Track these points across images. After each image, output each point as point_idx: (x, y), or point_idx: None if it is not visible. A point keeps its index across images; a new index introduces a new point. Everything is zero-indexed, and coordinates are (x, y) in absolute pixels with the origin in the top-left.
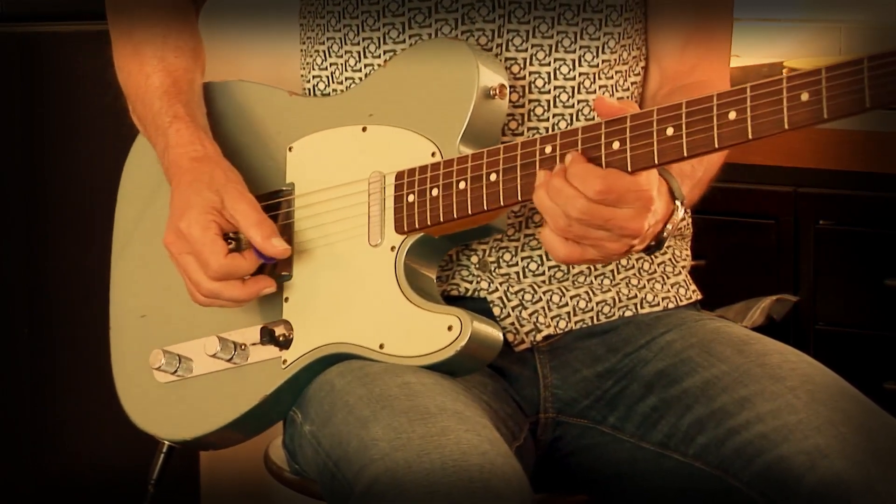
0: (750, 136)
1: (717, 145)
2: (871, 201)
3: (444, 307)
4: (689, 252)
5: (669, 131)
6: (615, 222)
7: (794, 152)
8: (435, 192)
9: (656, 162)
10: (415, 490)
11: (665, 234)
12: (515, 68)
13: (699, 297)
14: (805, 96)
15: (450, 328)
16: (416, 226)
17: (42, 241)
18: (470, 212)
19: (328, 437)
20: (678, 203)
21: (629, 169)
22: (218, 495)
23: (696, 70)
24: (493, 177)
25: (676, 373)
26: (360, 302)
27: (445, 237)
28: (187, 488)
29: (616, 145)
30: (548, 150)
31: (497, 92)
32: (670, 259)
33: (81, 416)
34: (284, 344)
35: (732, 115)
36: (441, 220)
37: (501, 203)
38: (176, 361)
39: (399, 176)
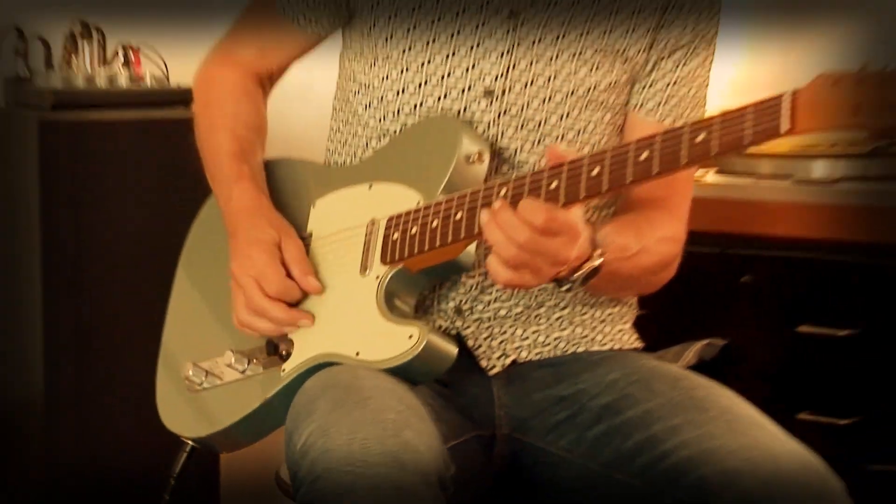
0: (654, 172)
1: (629, 181)
2: (785, 260)
3: (409, 320)
4: (635, 309)
5: (595, 171)
6: (552, 248)
7: (721, 219)
8: (414, 230)
9: (581, 196)
10: (338, 437)
11: (575, 275)
12: (504, 153)
13: (641, 345)
14: (700, 136)
15: (410, 337)
16: (397, 257)
17: (89, 292)
18: (437, 244)
19: (289, 419)
20: (597, 252)
21: (561, 202)
22: None
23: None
24: (458, 215)
25: (619, 406)
26: (346, 319)
27: (421, 272)
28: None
29: (554, 184)
30: (503, 192)
31: (476, 158)
32: (618, 311)
33: (112, 426)
34: (285, 357)
35: (643, 157)
36: (416, 251)
37: (462, 236)
38: (202, 374)
39: (390, 220)
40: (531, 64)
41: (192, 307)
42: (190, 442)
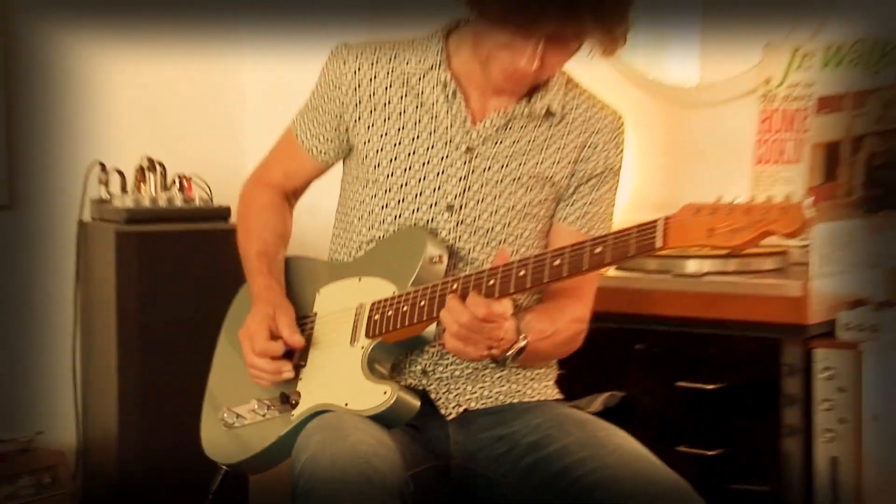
0: (564, 274)
1: (546, 280)
2: (667, 333)
3: (385, 380)
4: (556, 370)
5: (521, 273)
6: (487, 332)
7: (619, 302)
8: (390, 312)
9: (511, 291)
10: (324, 462)
11: (507, 354)
12: (460, 252)
13: (561, 396)
14: (598, 249)
15: (385, 392)
16: (377, 333)
17: (152, 358)
18: (407, 323)
19: (293, 450)
20: (521, 337)
21: (496, 295)
22: None
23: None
24: (423, 302)
25: (542, 443)
26: (338, 378)
27: (395, 344)
28: None
29: (491, 282)
30: (454, 286)
31: (437, 259)
32: (543, 372)
33: (168, 456)
34: (294, 405)
35: (556, 262)
36: (391, 328)
37: (425, 317)
38: (234, 416)
39: (373, 305)
40: (482, 186)
41: (229, 366)
42: (224, 467)
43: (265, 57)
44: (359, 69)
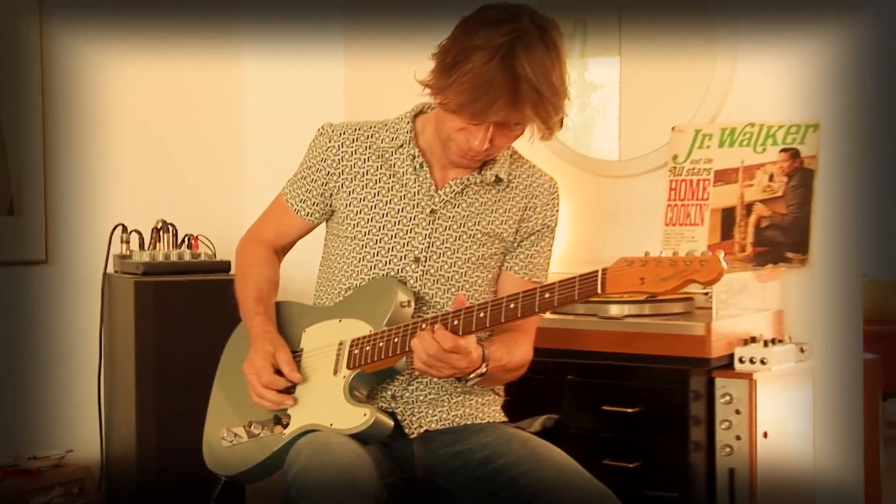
0: (518, 315)
1: (503, 320)
2: (594, 365)
3: (363, 404)
4: (503, 397)
5: (481, 314)
6: (451, 361)
7: (555, 340)
8: (367, 348)
9: (473, 329)
10: (313, 472)
11: (469, 376)
12: (424, 297)
13: (506, 419)
14: (547, 295)
15: (364, 415)
16: (356, 364)
17: (166, 387)
18: (382, 357)
19: (286, 463)
20: (484, 364)
21: (460, 333)
22: None
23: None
24: (395, 339)
25: (491, 458)
26: (323, 402)
27: (372, 374)
28: None
29: (455, 322)
30: (424, 325)
31: (406, 304)
32: (492, 398)
33: (177, 470)
34: (285, 426)
35: (511, 306)
36: (368, 361)
37: (397, 352)
38: (232, 435)
39: (353, 342)
40: (443, 242)
41: (227, 392)
42: (223, 478)
43: (263, 138)
44: (341, 145)
